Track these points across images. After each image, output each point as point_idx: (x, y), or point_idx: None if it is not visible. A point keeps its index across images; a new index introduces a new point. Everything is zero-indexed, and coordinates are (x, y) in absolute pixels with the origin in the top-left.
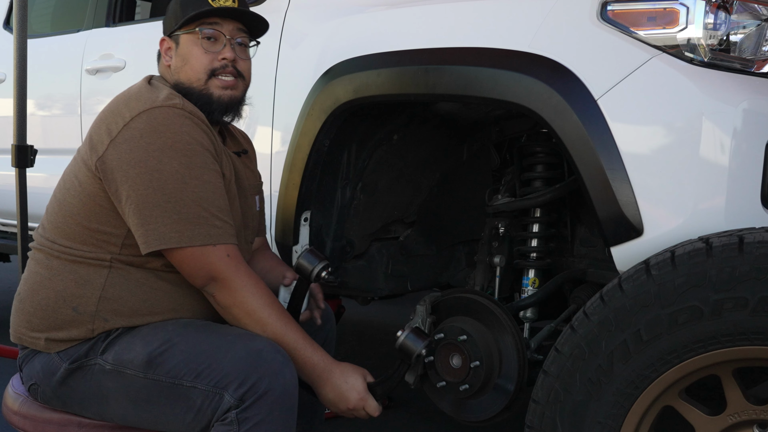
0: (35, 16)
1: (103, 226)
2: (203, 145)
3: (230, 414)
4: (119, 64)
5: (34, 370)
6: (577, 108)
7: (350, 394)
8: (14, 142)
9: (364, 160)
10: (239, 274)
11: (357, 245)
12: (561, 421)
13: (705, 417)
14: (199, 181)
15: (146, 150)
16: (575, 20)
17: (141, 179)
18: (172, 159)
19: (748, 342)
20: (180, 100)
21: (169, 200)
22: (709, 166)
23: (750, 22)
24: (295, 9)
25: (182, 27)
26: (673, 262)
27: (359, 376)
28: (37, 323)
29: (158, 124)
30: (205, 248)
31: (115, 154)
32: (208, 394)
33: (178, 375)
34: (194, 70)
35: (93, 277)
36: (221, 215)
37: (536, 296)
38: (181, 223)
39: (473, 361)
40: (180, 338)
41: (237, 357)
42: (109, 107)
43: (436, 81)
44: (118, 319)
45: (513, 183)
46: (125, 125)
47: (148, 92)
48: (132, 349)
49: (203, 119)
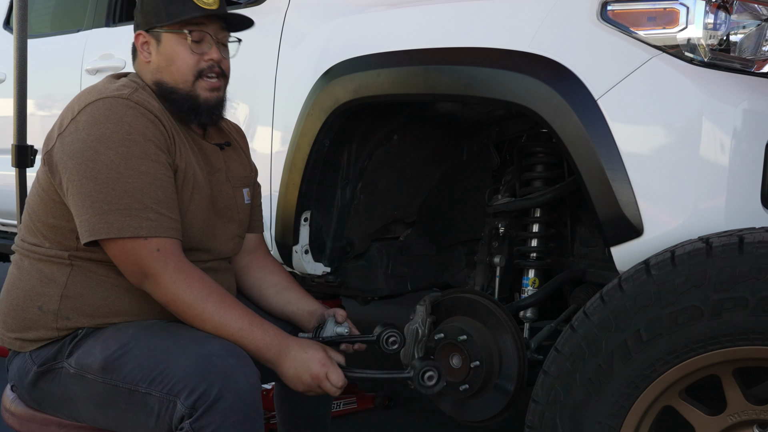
0: (35, 16)
1: (58, 221)
2: (145, 135)
3: (185, 424)
4: (119, 64)
5: (13, 370)
6: (577, 108)
7: (311, 363)
8: (14, 142)
9: (364, 160)
10: (167, 269)
11: (357, 245)
12: (561, 421)
13: (705, 417)
14: (134, 172)
15: (84, 141)
16: (575, 20)
17: (77, 169)
18: (109, 149)
19: (748, 342)
20: (130, 90)
21: (101, 190)
22: (709, 166)
23: (750, 22)
24: (295, 9)
25: (167, 25)
26: (673, 262)
27: (318, 347)
28: (11, 323)
29: (100, 115)
30: (136, 241)
31: (60, 146)
32: (163, 400)
33: (134, 381)
34: (180, 71)
35: (56, 276)
36: (157, 207)
37: (536, 296)
38: (111, 213)
39: (473, 361)
40: (136, 342)
41: (187, 363)
42: (68, 103)
43: (436, 81)
44: (80, 318)
45: (513, 183)
46: (73, 118)
47: (102, 85)
48: (91, 354)
49: (152, 109)
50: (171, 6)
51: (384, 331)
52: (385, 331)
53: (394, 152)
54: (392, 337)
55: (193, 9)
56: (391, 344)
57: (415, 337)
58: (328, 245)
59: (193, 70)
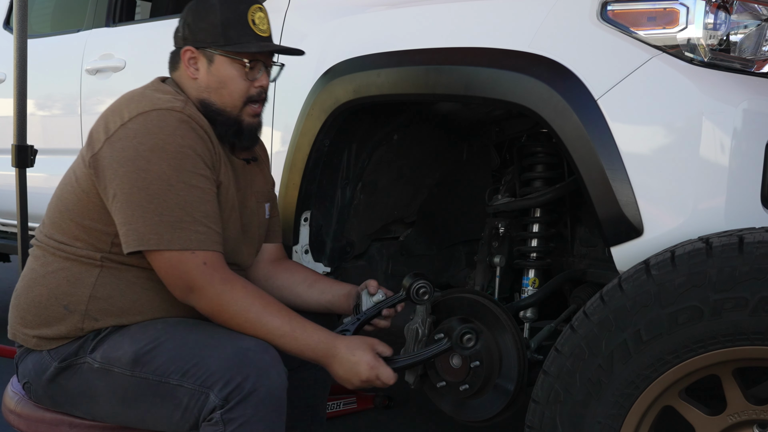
0: (35, 16)
1: (95, 223)
2: (196, 150)
3: (215, 414)
4: (119, 64)
5: (27, 368)
6: (577, 108)
7: (360, 368)
8: (14, 142)
9: (364, 160)
10: (213, 281)
11: (357, 245)
12: (561, 421)
13: (705, 417)
14: (185, 185)
15: (137, 150)
16: (575, 20)
17: (128, 178)
18: (161, 160)
19: (748, 342)
20: (182, 104)
21: (152, 201)
22: (709, 166)
23: (750, 22)
24: (295, 9)
25: (223, 50)
26: (673, 262)
27: (366, 347)
28: (30, 320)
29: (153, 125)
30: (183, 254)
31: (109, 151)
32: (194, 393)
33: (165, 373)
34: (232, 96)
35: (84, 276)
36: (206, 221)
37: (536, 296)
38: (161, 225)
39: (473, 361)
40: (168, 336)
41: (223, 356)
42: (112, 106)
43: (437, 81)
44: (107, 319)
45: (513, 183)
46: (122, 125)
47: (152, 94)
48: (120, 347)
49: (203, 125)
50: (230, 30)
51: (414, 283)
52: (415, 283)
53: (394, 152)
54: (422, 288)
55: (253, 39)
56: (422, 295)
57: (415, 337)
58: (328, 245)
59: (243, 96)
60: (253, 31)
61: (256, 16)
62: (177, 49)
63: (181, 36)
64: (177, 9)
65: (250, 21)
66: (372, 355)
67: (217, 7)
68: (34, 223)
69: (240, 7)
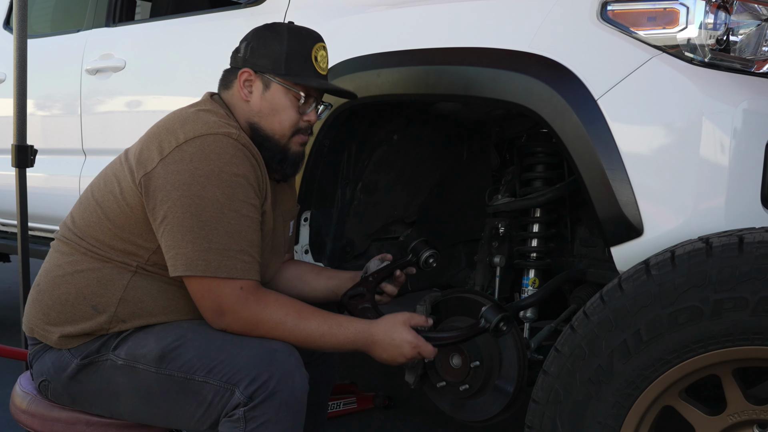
0: (35, 16)
1: (135, 237)
2: (248, 179)
3: (238, 411)
4: (119, 64)
5: (45, 366)
6: (577, 108)
7: (403, 349)
8: (14, 142)
9: (364, 160)
10: (247, 303)
11: (357, 245)
12: (561, 421)
13: (705, 417)
14: (237, 214)
15: (192, 174)
16: (575, 20)
17: (181, 202)
18: (216, 187)
19: (748, 342)
20: (236, 130)
21: (204, 227)
22: (709, 166)
23: (750, 22)
24: (295, 9)
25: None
26: (673, 262)
27: (402, 327)
28: (54, 317)
29: (210, 151)
30: (225, 281)
31: (163, 173)
32: (219, 389)
33: (191, 370)
34: (282, 125)
35: (116, 278)
36: (251, 250)
37: (536, 296)
38: (210, 252)
39: (473, 361)
40: (194, 334)
41: (251, 354)
42: (165, 123)
43: (437, 81)
44: (135, 321)
45: (513, 183)
46: (177, 146)
47: (206, 116)
48: (145, 345)
49: (254, 153)
50: (292, 62)
51: (422, 251)
52: (424, 251)
53: (394, 152)
54: (431, 258)
55: (313, 75)
56: (431, 264)
57: None
58: (328, 245)
59: (293, 127)
60: (314, 67)
61: (319, 54)
62: (233, 68)
63: (241, 57)
64: (177, 9)
65: (313, 57)
66: (412, 334)
67: (285, 36)
68: (34, 223)
69: (307, 42)
